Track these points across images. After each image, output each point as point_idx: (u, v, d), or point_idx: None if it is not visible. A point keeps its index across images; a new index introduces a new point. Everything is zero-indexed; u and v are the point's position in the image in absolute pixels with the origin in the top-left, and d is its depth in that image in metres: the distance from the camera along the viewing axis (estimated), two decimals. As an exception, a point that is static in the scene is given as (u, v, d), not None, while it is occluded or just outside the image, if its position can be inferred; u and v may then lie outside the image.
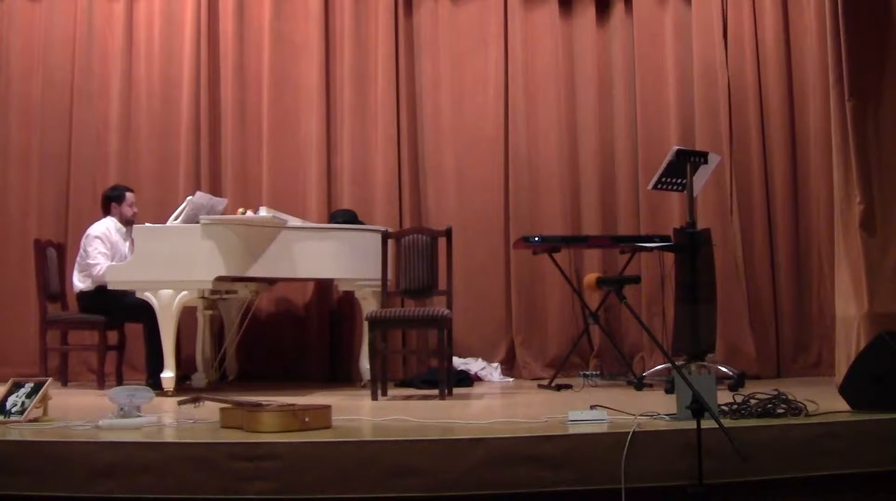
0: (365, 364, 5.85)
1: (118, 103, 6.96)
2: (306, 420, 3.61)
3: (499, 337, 6.81)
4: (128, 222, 6.15)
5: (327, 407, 3.79)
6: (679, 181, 5.61)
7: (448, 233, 5.69)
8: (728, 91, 6.60)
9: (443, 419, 4.16)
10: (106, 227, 6.12)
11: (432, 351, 5.87)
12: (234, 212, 5.84)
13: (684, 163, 5.49)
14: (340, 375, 6.68)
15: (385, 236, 5.78)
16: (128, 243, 6.11)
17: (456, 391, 5.52)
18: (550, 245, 5.91)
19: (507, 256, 6.82)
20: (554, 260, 5.97)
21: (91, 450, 3.33)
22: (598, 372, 6.31)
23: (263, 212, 5.83)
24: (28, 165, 6.96)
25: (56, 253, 6.33)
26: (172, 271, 5.43)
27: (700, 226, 5.74)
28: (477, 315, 6.79)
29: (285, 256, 5.62)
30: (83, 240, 6.09)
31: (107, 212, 6.23)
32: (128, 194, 6.27)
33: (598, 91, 6.98)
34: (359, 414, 4.34)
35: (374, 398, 5.15)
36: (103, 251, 5.98)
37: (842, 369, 4.41)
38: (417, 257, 5.70)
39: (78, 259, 6.10)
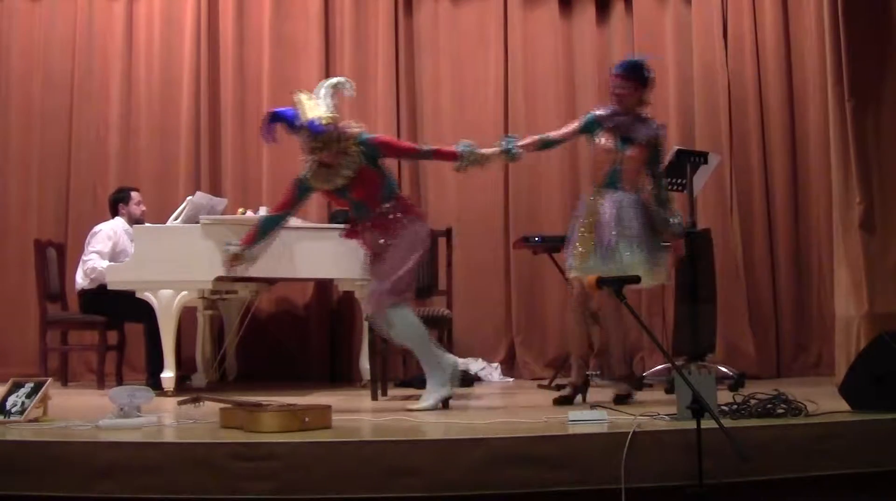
0: (365, 364, 5.84)
1: (118, 103, 6.96)
2: (306, 420, 3.61)
3: (499, 337, 6.81)
4: (137, 221, 6.14)
5: (327, 407, 3.79)
6: (679, 181, 5.61)
7: (448, 233, 5.69)
8: (728, 91, 6.61)
9: (443, 419, 4.16)
10: (112, 228, 6.11)
11: (432, 351, 5.85)
12: (234, 212, 5.84)
13: (684, 163, 5.50)
14: (340, 375, 6.68)
15: (385, 236, 5.77)
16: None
17: (456, 391, 5.51)
18: (550, 245, 5.91)
19: (507, 256, 6.82)
20: (554, 261, 5.97)
21: (91, 450, 3.32)
22: (598, 372, 6.30)
23: (263, 212, 5.82)
24: (28, 165, 6.96)
25: (56, 254, 6.33)
26: (172, 271, 5.43)
27: (700, 226, 5.74)
28: (477, 315, 6.78)
29: (285, 256, 5.61)
30: (88, 236, 6.10)
31: (115, 214, 6.23)
32: (133, 193, 6.28)
33: (598, 91, 6.97)
34: (359, 414, 4.34)
35: (374, 398, 5.15)
36: (99, 249, 5.98)
37: (842, 369, 4.42)
38: (417, 257, 5.69)
39: (81, 257, 6.11)
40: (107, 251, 6.00)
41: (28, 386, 4.04)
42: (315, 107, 4.32)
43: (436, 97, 7.02)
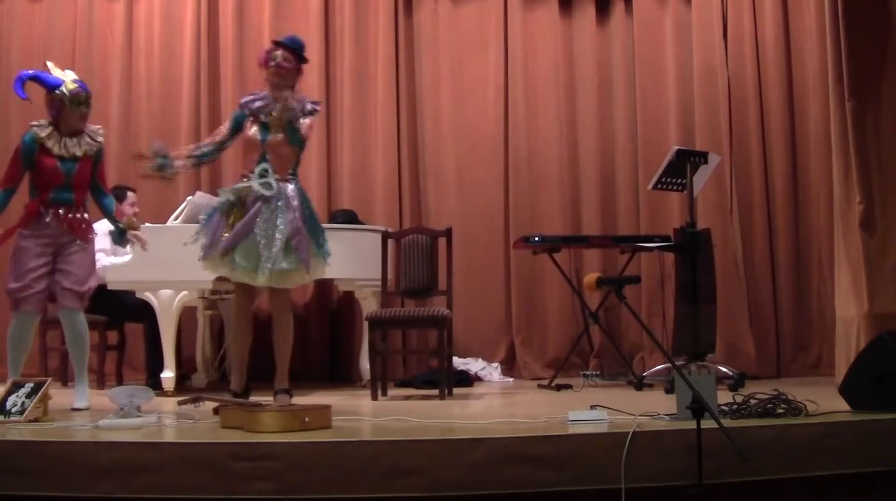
0: (365, 364, 5.84)
1: (118, 103, 6.96)
2: (306, 420, 3.62)
3: (499, 337, 6.81)
4: None
5: (327, 407, 3.80)
6: (679, 181, 5.61)
7: (448, 233, 5.69)
8: (728, 91, 6.60)
9: (443, 419, 4.16)
10: (104, 226, 6.11)
11: (432, 351, 5.87)
12: (234, 212, 5.82)
13: (684, 163, 5.50)
14: (340, 375, 6.68)
15: (385, 236, 5.78)
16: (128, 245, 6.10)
17: (456, 391, 5.51)
18: (550, 245, 5.91)
19: (507, 256, 6.82)
20: (554, 261, 5.97)
21: (91, 450, 3.33)
22: (598, 372, 6.31)
23: (263, 212, 5.82)
24: (28, 165, 6.94)
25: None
26: (172, 271, 5.43)
27: (700, 226, 5.75)
28: (477, 315, 6.78)
29: (285, 256, 5.60)
30: None
31: None
32: (130, 193, 6.27)
33: (598, 91, 6.98)
34: (359, 414, 4.34)
35: (374, 398, 5.15)
36: (100, 247, 5.98)
37: (842, 369, 4.42)
38: (417, 257, 5.70)
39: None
40: (109, 247, 6.00)
41: (28, 386, 4.05)
42: (71, 75, 4.83)
43: (436, 97, 7.02)
